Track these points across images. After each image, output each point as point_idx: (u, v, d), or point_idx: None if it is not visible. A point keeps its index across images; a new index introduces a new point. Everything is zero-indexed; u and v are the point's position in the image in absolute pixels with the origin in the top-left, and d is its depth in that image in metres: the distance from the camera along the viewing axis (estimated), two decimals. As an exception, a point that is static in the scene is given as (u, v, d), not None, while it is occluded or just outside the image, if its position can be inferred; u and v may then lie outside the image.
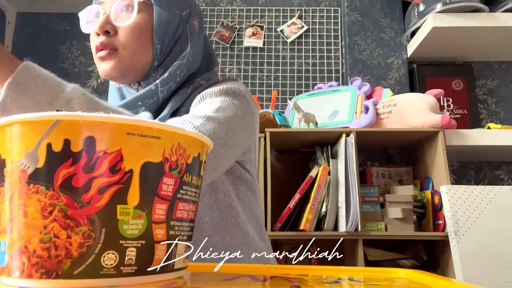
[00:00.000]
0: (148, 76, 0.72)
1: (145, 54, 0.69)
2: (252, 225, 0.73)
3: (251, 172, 0.74)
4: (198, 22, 0.76)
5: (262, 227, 0.77)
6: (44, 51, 1.84)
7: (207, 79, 0.75)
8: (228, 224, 0.68)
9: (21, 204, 0.26)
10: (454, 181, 1.68)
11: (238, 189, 0.71)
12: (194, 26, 0.75)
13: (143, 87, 0.72)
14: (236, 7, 1.89)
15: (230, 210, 0.69)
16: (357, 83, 1.62)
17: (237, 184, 0.71)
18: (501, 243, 1.20)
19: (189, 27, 0.73)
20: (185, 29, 0.73)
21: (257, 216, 0.75)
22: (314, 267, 0.41)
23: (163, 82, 0.69)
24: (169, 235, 0.30)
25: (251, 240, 0.71)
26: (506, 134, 1.44)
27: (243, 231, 0.70)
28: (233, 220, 0.69)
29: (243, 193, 0.72)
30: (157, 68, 0.71)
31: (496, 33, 1.57)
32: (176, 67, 0.70)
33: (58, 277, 0.26)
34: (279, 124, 1.48)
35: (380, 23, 1.81)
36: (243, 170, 0.73)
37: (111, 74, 0.68)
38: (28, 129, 0.27)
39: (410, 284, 0.32)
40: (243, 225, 0.70)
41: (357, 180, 1.30)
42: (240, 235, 0.69)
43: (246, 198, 0.73)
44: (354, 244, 1.33)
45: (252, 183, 0.74)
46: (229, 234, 0.68)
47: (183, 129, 0.30)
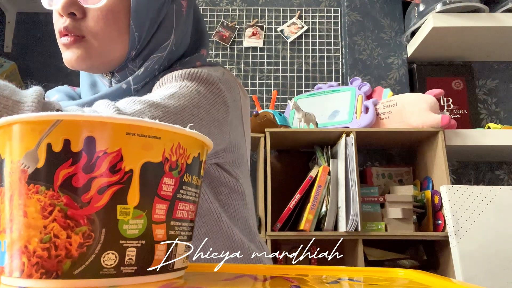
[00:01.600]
0: (124, 68, 0.61)
1: (120, 44, 0.58)
2: (239, 228, 0.67)
3: (234, 173, 0.66)
4: (186, 1, 0.64)
5: (251, 229, 0.70)
6: (44, 51, 1.85)
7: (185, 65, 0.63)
8: (209, 229, 0.62)
9: (21, 204, 0.26)
10: (454, 181, 1.68)
11: (218, 192, 0.64)
12: (182, 6, 0.63)
13: (116, 79, 0.62)
14: (236, 7, 1.89)
15: (211, 215, 0.62)
16: (357, 83, 1.62)
17: (217, 186, 0.64)
18: (501, 243, 1.20)
19: (175, 8, 0.62)
20: (170, 10, 0.61)
21: (245, 218, 0.69)
22: (314, 267, 0.41)
23: (136, 79, 0.59)
24: (169, 235, 0.30)
25: (237, 244, 0.65)
26: (506, 134, 1.44)
27: (227, 236, 0.63)
28: (215, 224, 0.62)
29: (226, 195, 0.65)
30: (135, 58, 0.61)
31: (496, 33, 1.57)
32: (154, 60, 0.60)
33: (58, 277, 0.26)
34: (279, 124, 1.49)
35: (380, 23, 1.81)
36: (222, 171, 0.64)
37: (77, 65, 0.58)
38: (28, 129, 0.27)
39: (410, 284, 0.32)
40: (227, 229, 0.63)
41: (357, 180, 1.30)
42: (224, 239, 0.63)
43: (229, 201, 0.65)
44: (354, 244, 1.33)
45: (235, 185, 0.66)
46: (211, 239, 0.62)
47: (183, 129, 0.30)
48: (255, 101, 1.69)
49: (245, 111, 0.68)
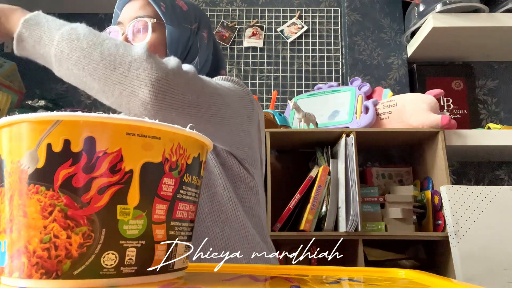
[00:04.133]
0: None
1: None
2: (252, 223, 0.73)
3: (251, 172, 0.75)
4: (207, 33, 0.82)
5: (264, 228, 0.77)
6: (44, 51, 1.84)
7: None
8: (227, 217, 0.69)
9: (21, 204, 0.26)
10: (454, 181, 1.68)
11: (236, 186, 0.73)
12: (203, 37, 0.80)
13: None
14: (236, 7, 1.89)
15: (230, 204, 0.70)
16: (357, 83, 1.62)
17: (236, 181, 0.73)
18: (501, 243, 1.20)
19: (199, 39, 0.79)
20: (195, 41, 0.79)
21: (258, 215, 0.76)
22: (314, 267, 0.41)
23: None
24: (169, 235, 0.30)
25: (251, 235, 0.71)
26: (506, 134, 1.44)
27: (243, 225, 0.70)
28: (233, 213, 0.70)
29: (242, 191, 0.73)
30: None
31: (496, 33, 1.57)
32: None
33: (58, 277, 0.26)
34: (279, 124, 1.49)
35: (380, 23, 1.81)
36: (242, 168, 0.73)
37: None
38: (28, 129, 0.27)
39: (410, 284, 0.32)
40: (242, 219, 0.71)
41: (357, 180, 1.30)
42: (240, 229, 0.70)
43: (245, 196, 0.74)
44: (354, 244, 1.33)
45: (251, 182, 0.75)
46: (228, 227, 0.69)
47: (183, 129, 0.30)
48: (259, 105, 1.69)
49: (262, 123, 0.82)
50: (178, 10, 0.77)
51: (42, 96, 1.71)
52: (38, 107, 1.59)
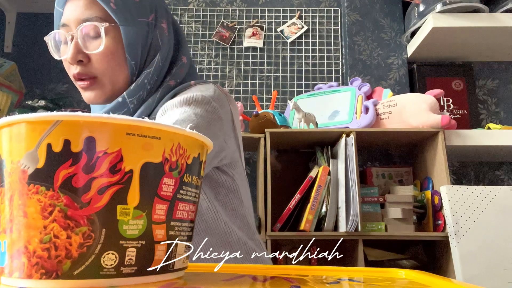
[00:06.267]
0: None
1: (123, 74, 0.70)
2: (237, 226, 0.73)
3: (230, 174, 0.73)
4: (166, 23, 0.75)
5: (250, 226, 0.76)
6: (44, 51, 1.84)
7: (175, 77, 0.74)
8: (208, 226, 0.69)
9: (21, 204, 0.26)
10: (454, 181, 1.68)
11: (217, 192, 0.71)
12: (163, 29, 0.74)
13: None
14: (236, 7, 1.89)
15: (209, 213, 0.69)
16: (357, 83, 1.62)
17: (216, 187, 0.72)
18: (501, 243, 1.20)
19: (159, 33, 0.73)
20: (155, 36, 0.72)
21: (243, 216, 0.75)
22: (314, 267, 0.41)
23: (129, 93, 0.69)
24: (169, 236, 0.30)
25: (235, 240, 0.71)
26: (506, 134, 1.44)
27: (225, 232, 0.70)
28: (213, 222, 0.69)
29: (224, 195, 0.72)
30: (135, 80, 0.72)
31: (496, 33, 1.57)
32: (143, 76, 0.70)
33: (58, 278, 0.26)
34: (279, 124, 1.48)
35: (380, 23, 1.81)
36: (220, 173, 0.72)
37: (96, 101, 0.71)
38: (28, 129, 0.27)
39: (410, 284, 0.32)
40: (224, 226, 0.70)
41: (357, 180, 1.30)
42: (222, 235, 0.69)
43: (227, 200, 0.73)
44: (354, 244, 1.33)
45: (232, 185, 0.73)
46: (209, 235, 0.68)
47: (184, 129, 0.30)
48: (255, 101, 1.69)
49: (236, 120, 0.77)
50: (130, 3, 0.68)
51: (42, 96, 1.71)
52: (38, 107, 1.59)
